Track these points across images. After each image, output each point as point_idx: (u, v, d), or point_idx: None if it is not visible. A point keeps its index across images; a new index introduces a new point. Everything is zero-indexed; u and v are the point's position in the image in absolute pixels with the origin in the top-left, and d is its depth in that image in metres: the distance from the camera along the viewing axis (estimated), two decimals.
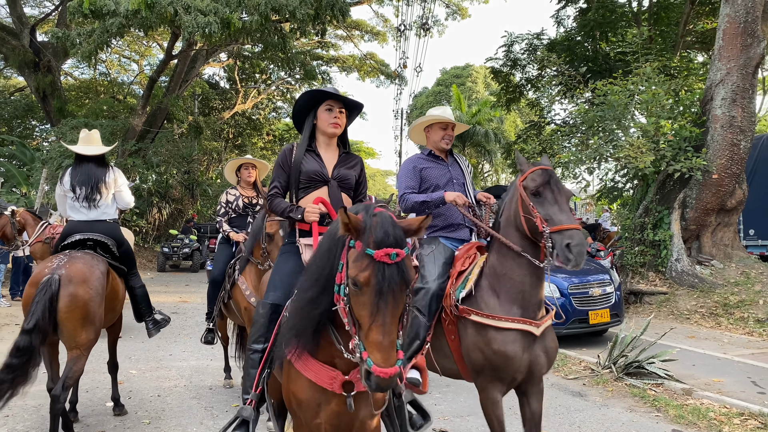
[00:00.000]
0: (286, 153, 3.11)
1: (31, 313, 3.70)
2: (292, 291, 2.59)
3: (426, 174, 3.87)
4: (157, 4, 11.43)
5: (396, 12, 26.72)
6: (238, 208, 5.69)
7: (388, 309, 1.85)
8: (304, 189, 3.04)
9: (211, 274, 5.64)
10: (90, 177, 4.41)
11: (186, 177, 23.96)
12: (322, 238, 2.24)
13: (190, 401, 5.15)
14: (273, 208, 3.06)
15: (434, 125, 3.99)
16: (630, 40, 12.52)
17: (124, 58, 30.71)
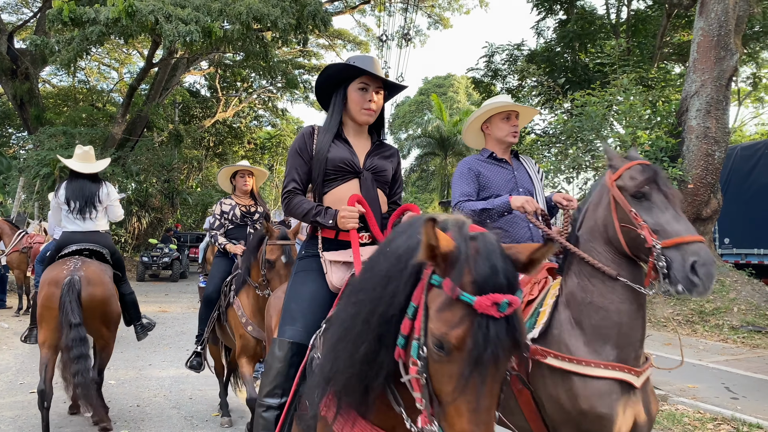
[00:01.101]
0: (306, 137, 2.52)
1: (71, 309, 4.11)
2: (317, 323, 2.15)
3: (485, 179, 3.16)
4: (137, 12, 11.40)
5: (378, 22, 26.87)
6: (235, 217, 5.04)
7: (487, 386, 1.28)
8: (329, 182, 2.46)
9: (205, 291, 4.88)
10: (84, 192, 4.71)
11: (166, 186, 23.79)
12: (376, 257, 1.63)
13: (169, 411, 5.12)
14: (292, 209, 2.45)
15: (494, 118, 3.27)
16: (608, 52, 12.74)
17: (104, 66, 30.50)
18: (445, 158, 30.79)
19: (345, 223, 2.27)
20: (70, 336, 4.07)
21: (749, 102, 26.73)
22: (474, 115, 3.35)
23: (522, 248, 1.41)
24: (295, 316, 2.30)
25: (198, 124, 29.11)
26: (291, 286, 2.45)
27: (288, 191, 2.49)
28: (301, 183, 2.49)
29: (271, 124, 34.80)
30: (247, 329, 4.23)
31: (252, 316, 4.26)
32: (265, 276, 4.13)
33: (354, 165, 2.46)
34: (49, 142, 17.92)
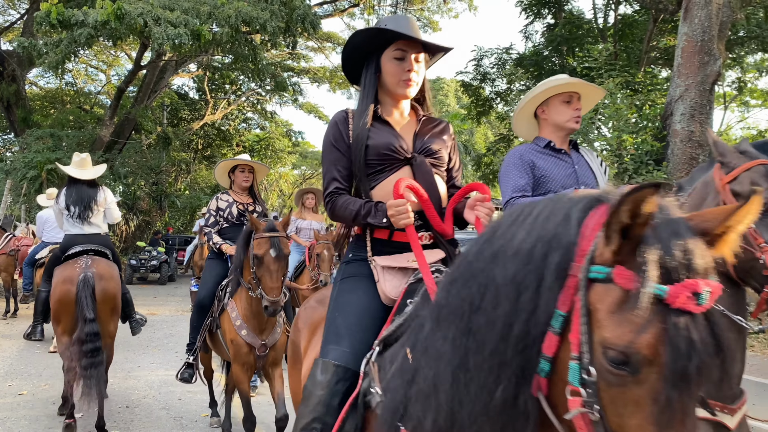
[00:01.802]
0: (339, 124, 2.12)
1: (86, 305, 4.43)
2: (367, 343, 1.82)
3: (542, 172, 2.69)
4: (126, 15, 11.39)
5: (368, 25, 26.95)
6: (231, 216, 4.65)
7: (691, 414, 0.96)
8: (374, 174, 2.06)
9: (197, 296, 4.53)
10: (83, 197, 5.00)
11: (154, 188, 23.70)
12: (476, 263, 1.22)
13: (158, 412, 5.15)
14: (339, 214, 2.08)
15: (552, 101, 2.77)
16: (595, 56, 12.87)
17: (92, 68, 30.36)
18: None
19: (396, 221, 1.87)
20: (85, 330, 4.38)
21: (735, 106, 27.11)
22: (528, 96, 2.82)
23: (709, 214, 1.04)
24: (341, 333, 1.90)
25: (186, 126, 29.01)
26: (337, 296, 2.05)
27: (330, 193, 2.09)
28: (343, 180, 2.09)
29: (260, 126, 34.74)
30: (241, 333, 3.89)
31: (246, 319, 3.92)
32: (255, 274, 3.74)
33: (401, 150, 2.05)
34: (36, 145, 17.81)
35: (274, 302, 3.64)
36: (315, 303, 2.62)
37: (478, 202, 1.91)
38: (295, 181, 42.13)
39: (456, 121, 30.10)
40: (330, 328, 1.97)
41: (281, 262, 3.73)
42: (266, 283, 3.68)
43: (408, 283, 1.94)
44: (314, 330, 2.37)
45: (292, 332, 2.73)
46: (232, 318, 3.95)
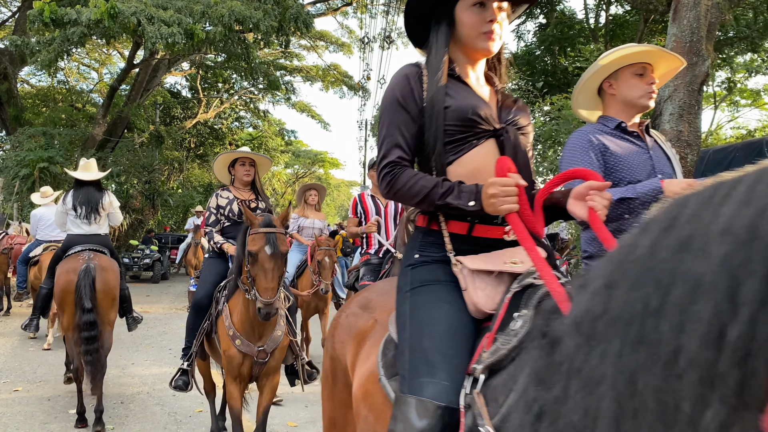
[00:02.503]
0: (411, 79, 1.72)
1: (84, 295, 4.64)
2: (463, 369, 1.48)
3: (615, 159, 2.33)
4: (120, 14, 11.41)
5: (361, 24, 27.01)
6: (232, 213, 4.35)
7: None
8: (454, 146, 1.68)
9: (194, 296, 4.26)
10: (90, 199, 5.28)
11: (147, 187, 23.69)
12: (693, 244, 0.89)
13: (153, 407, 5.21)
14: (400, 190, 1.67)
15: (623, 73, 2.40)
16: (586, 56, 12.97)
17: (84, 66, 30.26)
18: None
19: (497, 204, 1.51)
20: (83, 319, 4.63)
21: (725, 105, 27.35)
22: (593, 67, 2.44)
23: None
24: (433, 361, 1.50)
25: (179, 125, 28.98)
26: (412, 311, 1.64)
27: (390, 163, 1.69)
28: (408, 150, 1.70)
29: (252, 125, 34.75)
30: (235, 343, 3.58)
31: (241, 326, 3.61)
32: (249, 273, 3.48)
33: (489, 118, 1.69)
34: (28, 143, 17.78)
35: (267, 304, 3.33)
36: (357, 309, 2.21)
37: (592, 191, 1.53)
38: (287, 180, 42.14)
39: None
40: (417, 355, 1.54)
41: (277, 261, 3.42)
42: (260, 282, 3.38)
43: (512, 292, 1.54)
44: (361, 341, 2.02)
45: (329, 346, 2.29)
46: (226, 326, 3.66)
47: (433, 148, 1.69)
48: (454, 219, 1.69)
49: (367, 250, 5.33)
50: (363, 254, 5.37)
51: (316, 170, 42.68)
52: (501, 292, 1.60)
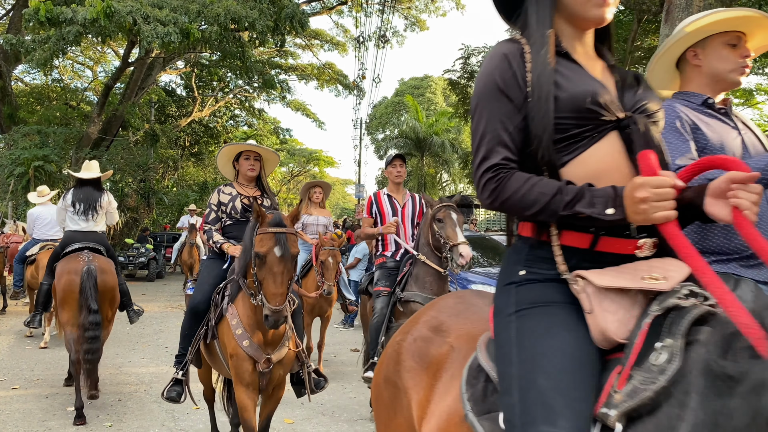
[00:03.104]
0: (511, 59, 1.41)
1: (90, 297, 4.91)
2: (589, 410, 1.20)
3: (708, 139, 1.98)
4: (116, 13, 11.44)
5: (356, 23, 27.05)
6: (235, 211, 4.01)
7: None
8: (570, 143, 1.37)
9: (191, 300, 3.87)
10: (89, 198, 5.50)
11: (142, 185, 23.69)
12: None
13: (150, 405, 5.26)
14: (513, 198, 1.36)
15: (711, 42, 2.07)
16: None
17: (78, 64, 30.19)
18: (422, 159, 31.07)
19: (649, 211, 1.22)
20: (89, 319, 4.88)
21: None
22: (677, 34, 2.10)
23: None
24: (553, 404, 1.21)
25: (174, 123, 28.97)
26: (520, 339, 1.33)
27: (493, 167, 1.38)
28: (515, 148, 1.40)
29: (247, 123, 34.76)
30: (242, 344, 3.27)
31: (249, 329, 3.30)
32: (255, 276, 3.16)
33: (611, 106, 1.37)
34: (23, 142, 17.77)
35: (276, 311, 3.01)
36: (428, 332, 1.85)
37: (734, 185, 1.21)
38: (282, 179, 42.16)
39: (443, 119, 30.33)
40: (530, 396, 1.25)
41: (287, 264, 3.10)
42: (268, 287, 3.06)
43: (651, 317, 1.23)
44: (437, 372, 1.70)
45: (388, 370, 1.94)
46: (232, 326, 3.32)
47: (540, 144, 1.35)
48: (571, 229, 1.36)
49: (383, 252, 4.99)
50: (378, 256, 5.01)
51: (311, 169, 42.73)
52: (635, 316, 1.27)
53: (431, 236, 4.38)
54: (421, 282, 4.37)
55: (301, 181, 45.96)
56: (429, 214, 4.45)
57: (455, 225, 4.29)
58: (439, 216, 4.35)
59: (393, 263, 4.85)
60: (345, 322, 10.00)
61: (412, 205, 5.09)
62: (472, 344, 1.64)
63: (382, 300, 4.57)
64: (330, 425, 4.80)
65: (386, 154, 36.30)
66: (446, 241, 4.24)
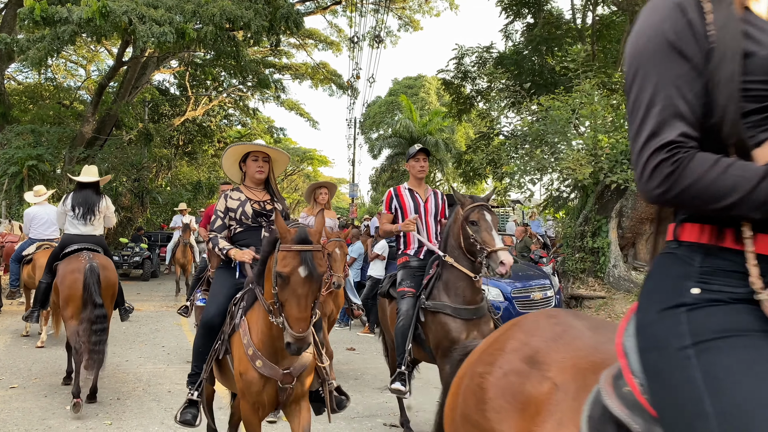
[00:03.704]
0: (687, 8, 1.11)
1: (94, 291, 5.15)
2: None
3: None
4: (111, 13, 11.44)
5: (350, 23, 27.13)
6: (245, 217, 3.68)
7: None
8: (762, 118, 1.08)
9: (204, 313, 3.54)
10: (87, 201, 5.71)
11: (136, 185, 23.66)
12: None
13: (149, 403, 5.31)
14: (700, 184, 1.05)
15: None
16: (573, 57, 13.17)
17: (71, 63, 30.10)
18: None
19: None
20: (95, 313, 5.12)
21: None
22: None
23: None
24: None
25: (167, 122, 28.92)
26: (712, 382, 1.01)
27: (667, 144, 1.09)
28: (695, 121, 1.10)
29: (241, 123, 34.76)
30: (255, 364, 2.97)
31: (262, 345, 2.99)
32: (276, 297, 2.82)
33: None
34: (16, 141, 17.72)
35: (299, 339, 2.70)
36: (521, 363, 1.56)
37: None
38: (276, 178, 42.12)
39: (437, 119, 30.41)
40: None
41: (313, 285, 2.76)
42: (291, 311, 2.73)
43: None
44: (536, 416, 1.42)
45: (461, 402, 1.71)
46: (244, 344, 3.04)
47: (726, 117, 1.07)
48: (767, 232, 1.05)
49: (405, 250, 4.59)
50: (400, 255, 4.63)
51: (305, 168, 42.75)
52: None
53: (463, 239, 4.01)
54: (452, 288, 4.03)
55: (294, 181, 45.99)
56: (460, 215, 4.04)
57: (491, 228, 3.89)
58: (473, 218, 3.95)
59: (417, 262, 4.48)
60: (341, 321, 10.05)
61: (434, 202, 4.69)
62: (583, 381, 1.32)
63: (407, 301, 4.22)
64: (326, 423, 4.85)
65: (380, 153, 36.40)
66: (482, 247, 3.83)
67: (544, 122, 11.63)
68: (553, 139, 11.74)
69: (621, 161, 10.59)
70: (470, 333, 3.93)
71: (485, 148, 17.67)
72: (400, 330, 4.16)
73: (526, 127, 13.24)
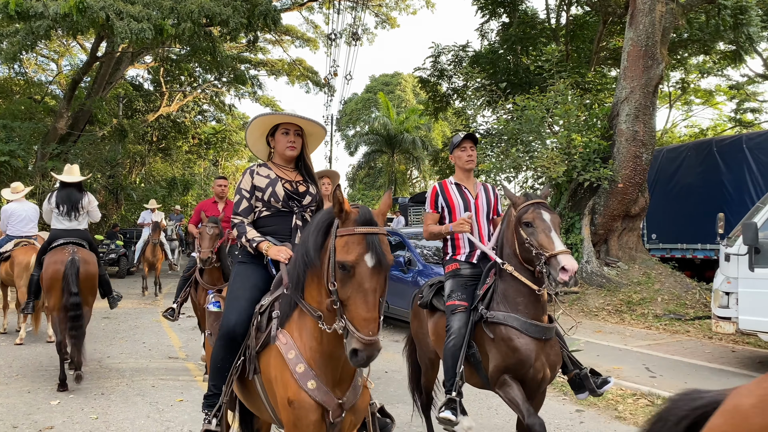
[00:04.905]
0: None
1: (71, 282, 5.57)
2: None
3: None
4: (89, 9, 11.34)
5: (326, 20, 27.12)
6: (276, 199, 2.99)
7: None
8: None
9: (224, 321, 2.86)
10: (71, 199, 6.08)
11: (110, 181, 23.43)
12: None
13: (134, 398, 5.37)
14: None
15: None
16: (547, 56, 13.42)
17: (42, 57, 29.60)
18: (392, 155, 31.30)
19: None
20: (70, 301, 5.56)
21: (680, 105, 28.36)
22: None
23: None
24: None
25: (141, 118, 28.63)
26: None
27: None
28: None
29: (216, 119, 34.56)
30: (306, 386, 2.35)
31: (314, 363, 2.40)
32: (335, 294, 2.22)
33: None
34: None
35: (370, 344, 2.11)
36: None
37: None
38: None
39: (414, 116, 30.61)
40: None
41: (381, 277, 2.22)
42: (358, 310, 2.15)
43: None
44: None
45: None
46: (289, 360, 2.41)
47: None
48: None
49: (455, 255, 3.89)
50: (449, 262, 3.90)
51: None
52: None
53: (518, 245, 3.38)
54: (512, 302, 3.40)
55: None
56: (513, 216, 3.46)
57: (549, 229, 3.25)
58: (527, 218, 3.33)
59: (469, 270, 3.80)
60: None
61: (486, 197, 4.02)
62: None
63: (459, 317, 3.56)
64: None
65: (356, 150, 36.49)
66: (540, 251, 3.20)
67: (519, 121, 11.85)
68: (527, 137, 11.99)
69: (593, 160, 10.86)
70: (539, 356, 3.29)
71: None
72: (450, 350, 3.51)
73: (502, 125, 13.46)
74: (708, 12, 14.07)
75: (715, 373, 6.51)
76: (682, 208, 12.35)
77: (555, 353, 3.42)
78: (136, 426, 4.63)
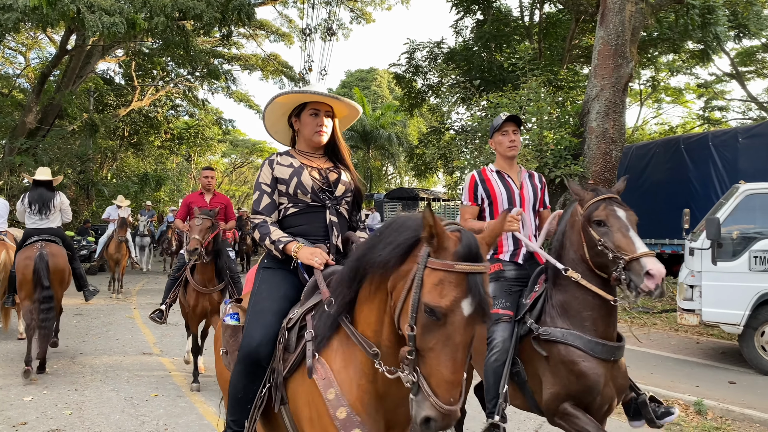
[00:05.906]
0: None
1: (42, 276, 5.85)
2: None
3: None
4: (59, 1, 11.16)
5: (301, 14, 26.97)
6: (303, 191, 2.52)
7: None
8: None
9: (246, 339, 2.35)
10: (43, 198, 6.32)
11: (81, 177, 23.08)
12: None
13: (108, 393, 5.36)
14: None
15: None
16: (520, 54, 13.56)
17: (9, 50, 28.97)
18: (368, 152, 31.33)
19: None
20: (42, 294, 5.84)
21: (650, 102, 28.90)
22: None
23: None
24: None
25: (112, 113, 28.21)
26: None
27: None
28: None
29: (188, 114, 34.19)
30: (339, 417, 1.93)
31: (361, 405, 1.95)
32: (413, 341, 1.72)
33: None
34: None
35: (448, 414, 1.65)
36: None
37: None
38: (225, 170, 41.66)
39: (389, 113, 30.66)
40: None
41: (472, 328, 1.72)
42: (439, 368, 1.68)
43: None
44: None
45: None
46: (329, 402, 1.96)
47: None
48: None
49: (496, 254, 3.38)
50: (491, 261, 3.28)
51: (255, 160, 42.36)
52: None
53: (588, 249, 2.86)
54: (576, 317, 2.87)
55: (243, 173, 45.51)
56: (579, 215, 2.94)
57: (627, 228, 2.77)
58: (599, 216, 2.82)
59: (514, 272, 3.30)
60: None
61: (531, 186, 3.50)
62: None
63: (503, 328, 3.06)
64: None
65: None
66: (618, 255, 2.69)
67: (493, 118, 12.00)
68: None
69: (564, 156, 11.04)
70: (608, 382, 2.80)
71: (436, 142, 18.00)
72: (492, 367, 3.02)
73: (476, 122, 13.59)
74: (677, 11, 14.36)
75: (679, 363, 6.71)
76: (651, 204, 12.60)
77: (623, 376, 2.91)
78: (111, 421, 4.63)
